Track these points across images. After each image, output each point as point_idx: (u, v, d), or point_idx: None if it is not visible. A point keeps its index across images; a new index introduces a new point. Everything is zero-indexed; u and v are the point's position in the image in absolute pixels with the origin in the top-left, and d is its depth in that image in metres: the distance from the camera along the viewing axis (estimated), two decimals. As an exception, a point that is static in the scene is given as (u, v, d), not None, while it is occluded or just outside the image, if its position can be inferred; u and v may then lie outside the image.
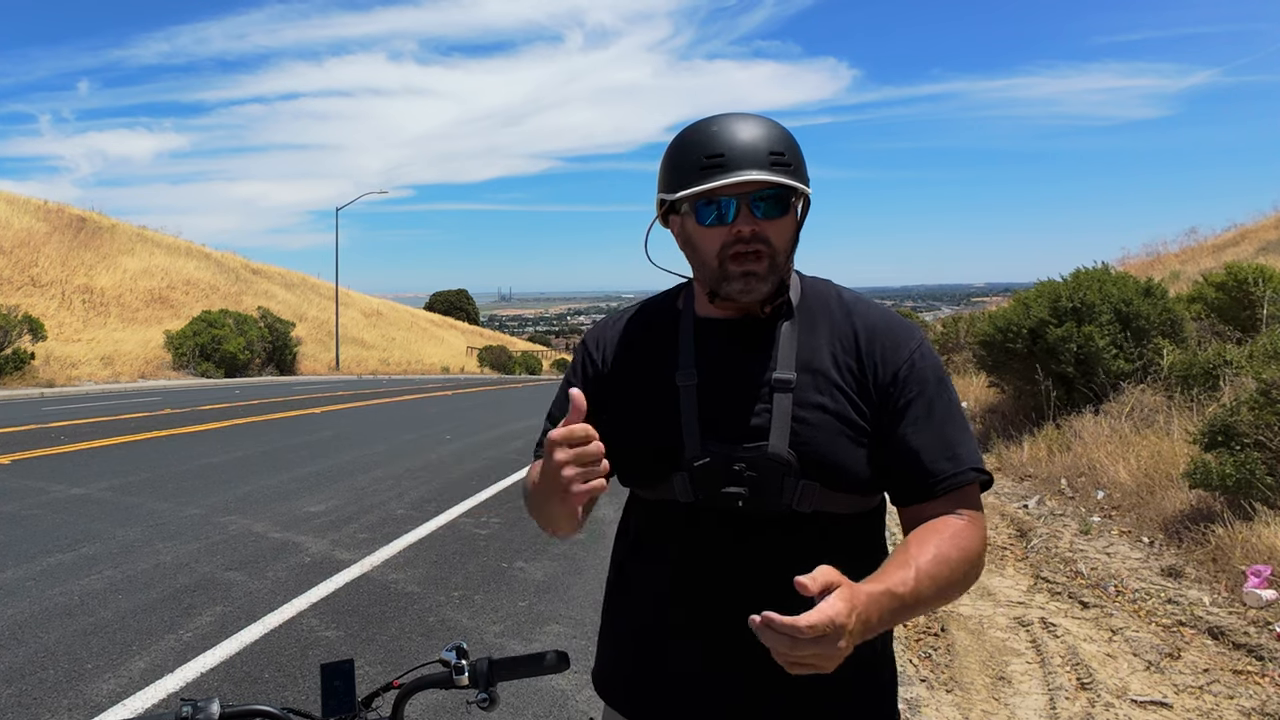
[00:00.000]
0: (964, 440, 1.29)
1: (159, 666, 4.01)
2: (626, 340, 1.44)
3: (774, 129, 1.28)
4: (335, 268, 45.46)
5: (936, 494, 1.27)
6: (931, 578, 1.18)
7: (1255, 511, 5.01)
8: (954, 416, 1.30)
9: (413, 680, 1.36)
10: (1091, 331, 8.90)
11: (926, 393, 1.29)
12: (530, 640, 4.42)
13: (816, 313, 1.36)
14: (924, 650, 4.21)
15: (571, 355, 1.59)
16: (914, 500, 1.29)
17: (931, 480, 1.27)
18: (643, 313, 1.48)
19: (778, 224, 1.27)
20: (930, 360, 1.32)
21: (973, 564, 1.24)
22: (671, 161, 1.31)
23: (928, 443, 1.27)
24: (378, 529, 6.76)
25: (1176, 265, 19.19)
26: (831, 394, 1.29)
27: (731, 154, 1.24)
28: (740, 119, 1.28)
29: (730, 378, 1.32)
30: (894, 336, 1.32)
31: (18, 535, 6.38)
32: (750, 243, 1.26)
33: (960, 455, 1.27)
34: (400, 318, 58.93)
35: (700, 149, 1.26)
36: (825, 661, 1.04)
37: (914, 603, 1.17)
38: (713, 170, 1.24)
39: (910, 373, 1.30)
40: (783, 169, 1.25)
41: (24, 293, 30.22)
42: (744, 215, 1.25)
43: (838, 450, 1.28)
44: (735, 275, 1.27)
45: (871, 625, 1.10)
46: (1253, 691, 3.62)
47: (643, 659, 1.39)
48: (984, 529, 1.28)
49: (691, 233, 1.31)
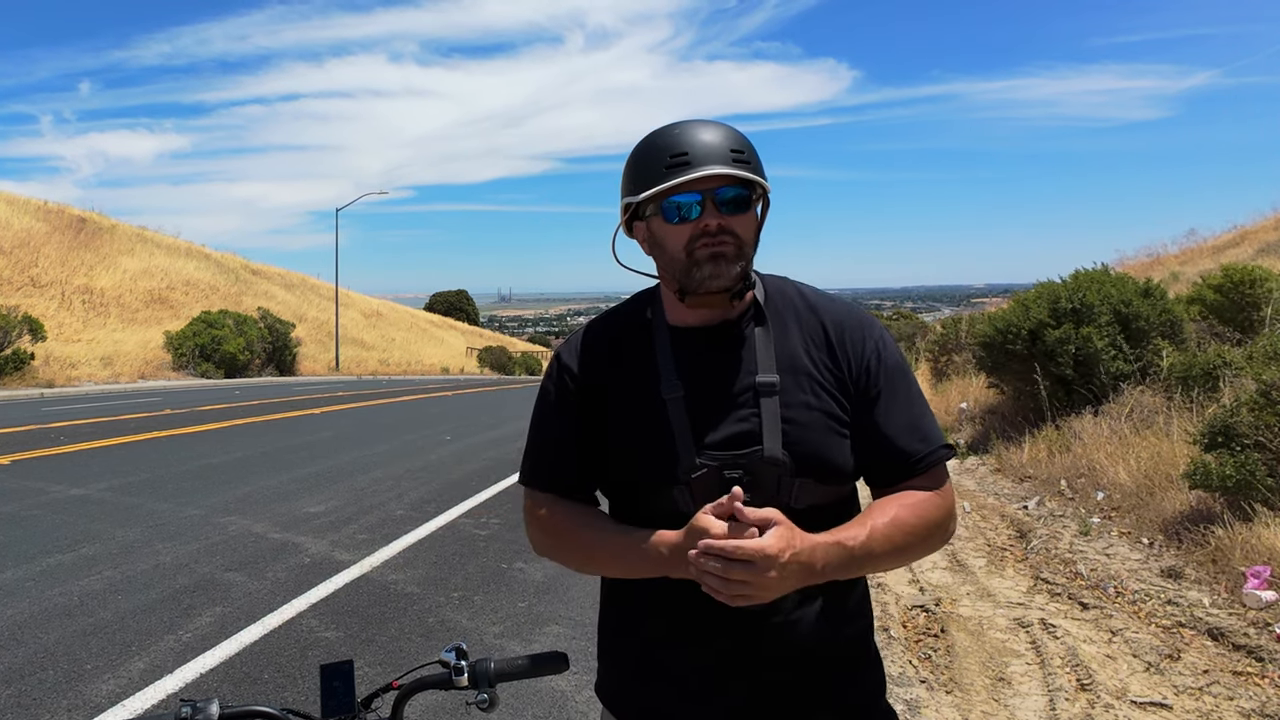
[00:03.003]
0: (930, 421, 1.37)
1: (158, 667, 4.01)
2: (602, 354, 1.42)
3: (733, 131, 1.33)
4: (335, 268, 45.51)
5: (915, 473, 1.34)
6: (886, 538, 1.27)
7: (1255, 512, 5.01)
8: (917, 399, 1.38)
9: (412, 681, 1.36)
10: (1091, 333, 8.90)
11: (894, 380, 1.36)
12: (530, 641, 4.42)
13: (784, 313, 1.38)
14: (924, 651, 4.21)
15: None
16: (892, 482, 1.35)
17: (910, 462, 1.33)
18: (611, 325, 1.46)
19: (741, 219, 1.31)
20: (892, 348, 1.39)
21: (932, 531, 1.33)
22: (635, 166, 1.34)
23: (901, 428, 1.34)
24: (377, 530, 6.76)
25: (1176, 266, 19.20)
26: (814, 392, 1.33)
27: (695, 152, 1.28)
28: (699, 123, 1.33)
29: (714, 386, 1.33)
30: (859, 329, 1.37)
31: (17, 536, 6.38)
32: (717, 235, 1.29)
33: (930, 435, 1.35)
34: (400, 318, 58.95)
35: (664, 150, 1.31)
36: (759, 590, 1.17)
37: (864, 557, 1.26)
38: (677, 168, 1.28)
39: (878, 363, 1.35)
40: (744, 165, 1.29)
41: (24, 293, 30.23)
42: (709, 210, 1.29)
43: (827, 446, 1.31)
44: (704, 260, 1.30)
45: (815, 570, 1.21)
46: (1253, 693, 3.62)
47: (643, 665, 1.39)
48: (951, 499, 1.37)
49: (658, 232, 1.34)
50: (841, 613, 1.36)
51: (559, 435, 1.43)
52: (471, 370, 47.32)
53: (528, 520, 1.47)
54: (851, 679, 1.38)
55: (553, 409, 1.44)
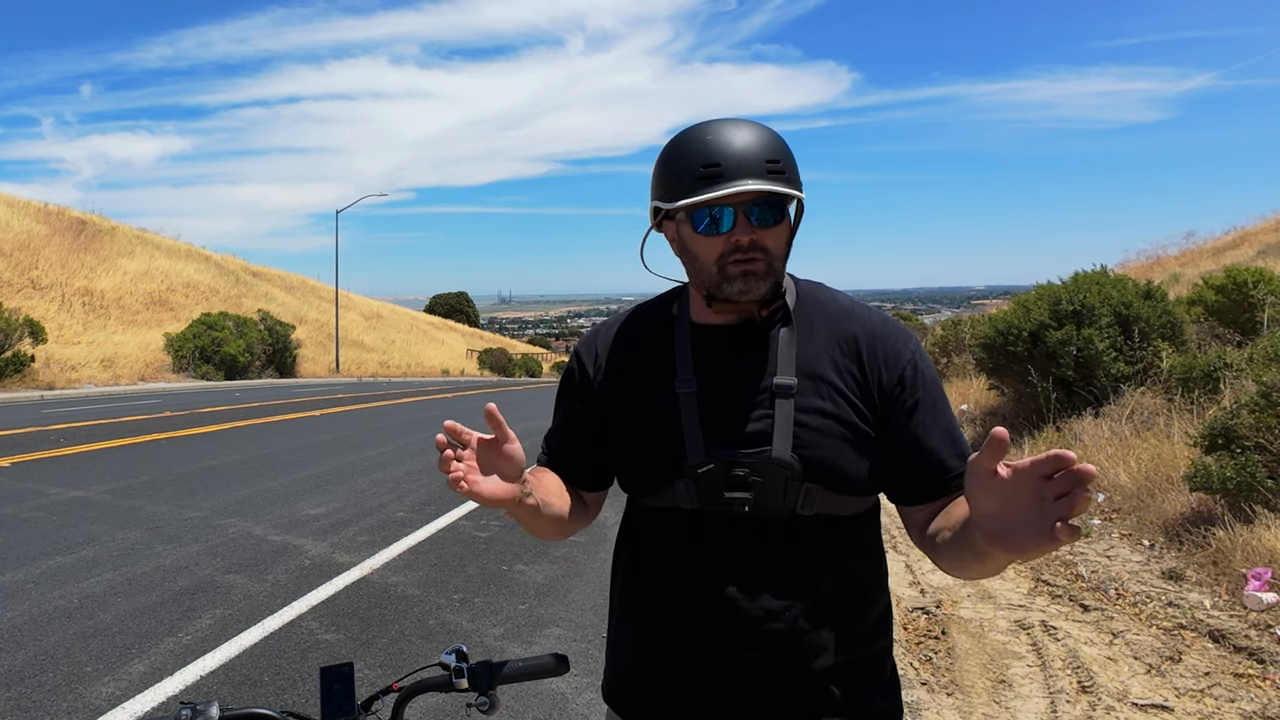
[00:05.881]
0: (962, 437, 1.34)
1: (158, 670, 4.01)
2: (622, 348, 1.44)
3: (768, 136, 1.28)
4: (335, 270, 45.51)
5: (951, 489, 1.30)
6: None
7: (1256, 514, 5.00)
8: (951, 415, 1.35)
9: (412, 683, 1.35)
10: (1091, 334, 8.90)
11: (931, 394, 1.33)
12: (530, 643, 4.41)
13: (814, 318, 1.36)
14: (924, 653, 4.21)
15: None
16: (927, 498, 1.31)
17: (948, 477, 1.30)
18: (636, 319, 1.47)
19: (774, 231, 1.28)
20: (927, 363, 1.36)
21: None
22: (666, 170, 1.30)
23: (939, 442, 1.31)
24: (377, 532, 6.75)
25: (1176, 268, 19.19)
26: (833, 399, 1.30)
27: (728, 164, 1.23)
28: (734, 126, 1.27)
29: (730, 384, 1.32)
30: (894, 341, 1.34)
31: (17, 538, 6.37)
32: (748, 251, 1.26)
33: (965, 451, 1.31)
34: (400, 320, 58.94)
35: (696, 158, 1.25)
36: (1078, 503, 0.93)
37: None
38: (709, 180, 1.24)
39: (915, 375, 1.32)
40: (778, 177, 1.24)
41: (24, 295, 30.21)
42: (741, 224, 1.25)
43: (840, 454, 1.29)
44: (735, 276, 1.27)
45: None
46: (1254, 695, 3.61)
47: (650, 666, 1.39)
48: None
49: (688, 240, 1.31)
50: (853, 628, 1.34)
51: (564, 429, 1.48)
52: (472, 372, 47.30)
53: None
54: (862, 698, 1.35)
55: (562, 404, 1.49)
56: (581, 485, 1.47)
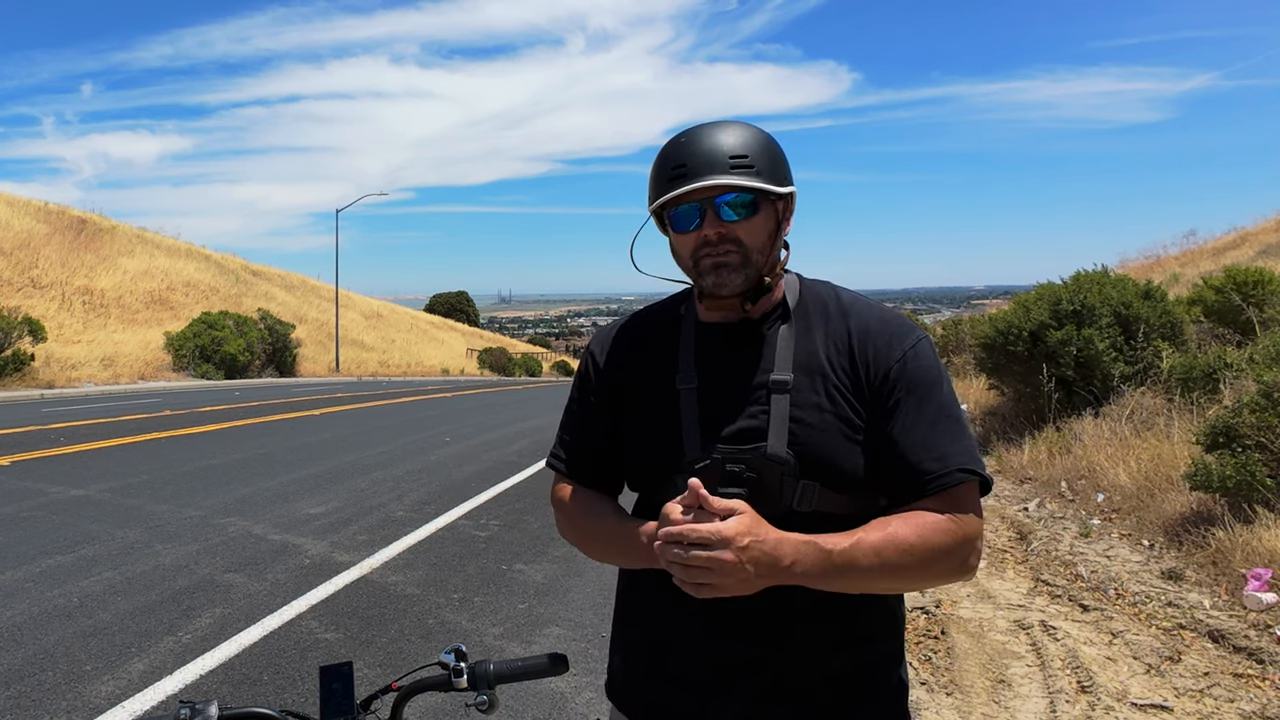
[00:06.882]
0: (955, 441, 1.28)
1: (158, 669, 4.01)
2: (630, 346, 1.47)
3: (741, 134, 1.32)
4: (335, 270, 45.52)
5: (926, 493, 1.26)
6: (876, 552, 1.21)
7: (1256, 514, 5.00)
8: (946, 417, 1.29)
9: (412, 683, 1.35)
10: (1091, 334, 8.90)
11: (917, 393, 1.29)
12: (530, 642, 4.41)
13: (813, 314, 1.38)
14: (924, 653, 4.21)
15: (576, 359, 1.64)
16: (907, 499, 1.29)
17: (919, 480, 1.26)
18: (646, 318, 1.51)
19: (747, 225, 1.31)
20: (925, 361, 1.32)
21: (934, 555, 1.23)
22: (651, 174, 1.37)
23: (916, 443, 1.27)
24: (377, 531, 6.75)
25: (1176, 268, 19.20)
26: (829, 394, 1.31)
27: (693, 162, 1.29)
28: (711, 128, 1.33)
29: (728, 380, 1.34)
30: (887, 336, 1.33)
31: (17, 537, 6.37)
32: (718, 245, 1.30)
33: (948, 456, 1.26)
34: (400, 319, 58.93)
35: (669, 160, 1.32)
36: (720, 578, 1.16)
37: (845, 565, 1.21)
38: (677, 180, 1.30)
39: (901, 372, 1.30)
40: (744, 172, 1.28)
41: (24, 294, 30.21)
42: (710, 220, 1.30)
43: (836, 451, 1.29)
44: (708, 269, 1.32)
45: (782, 565, 1.18)
46: (1253, 695, 3.61)
47: (653, 663, 1.40)
48: (969, 530, 1.25)
49: (671, 239, 1.38)
50: (855, 631, 1.33)
51: (577, 424, 1.50)
52: (472, 372, 47.31)
53: (552, 503, 1.54)
54: (864, 698, 1.34)
55: (575, 398, 1.51)
56: (608, 482, 1.49)
